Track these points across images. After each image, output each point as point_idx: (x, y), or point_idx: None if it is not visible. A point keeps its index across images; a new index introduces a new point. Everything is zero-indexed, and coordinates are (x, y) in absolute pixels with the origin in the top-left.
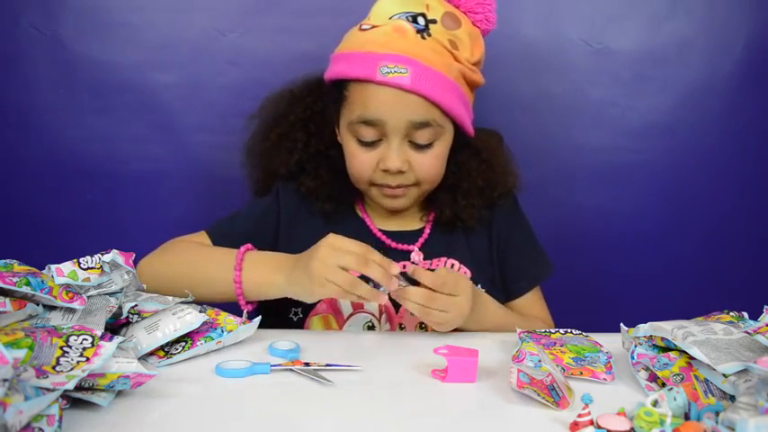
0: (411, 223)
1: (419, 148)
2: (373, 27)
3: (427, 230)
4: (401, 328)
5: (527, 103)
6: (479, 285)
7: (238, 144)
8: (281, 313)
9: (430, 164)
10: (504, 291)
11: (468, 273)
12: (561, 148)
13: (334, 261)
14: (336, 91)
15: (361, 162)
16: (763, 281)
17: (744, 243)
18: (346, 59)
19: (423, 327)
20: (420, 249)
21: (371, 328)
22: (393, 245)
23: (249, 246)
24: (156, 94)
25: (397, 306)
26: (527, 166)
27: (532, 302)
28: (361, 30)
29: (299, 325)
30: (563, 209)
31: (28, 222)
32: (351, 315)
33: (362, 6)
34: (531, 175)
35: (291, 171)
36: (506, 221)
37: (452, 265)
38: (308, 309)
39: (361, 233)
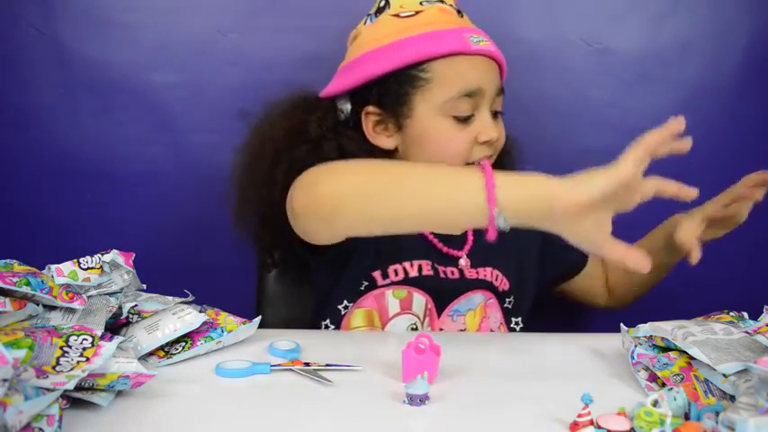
0: None
1: (495, 116)
2: (417, 13)
3: (470, 235)
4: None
5: (526, 104)
6: (529, 269)
7: (238, 144)
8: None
9: (503, 132)
10: (563, 262)
11: (508, 284)
12: (561, 149)
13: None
14: (405, 78)
15: (459, 142)
16: (764, 281)
17: (744, 243)
18: (417, 42)
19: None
20: (467, 256)
21: (414, 329)
22: (444, 249)
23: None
24: (156, 94)
25: (440, 310)
26: (525, 168)
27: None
28: (400, 18)
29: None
30: None
31: (28, 222)
32: (396, 315)
33: (362, 6)
34: None
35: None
36: None
37: (496, 277)
38: (353, 300)
39: (413, 236)
